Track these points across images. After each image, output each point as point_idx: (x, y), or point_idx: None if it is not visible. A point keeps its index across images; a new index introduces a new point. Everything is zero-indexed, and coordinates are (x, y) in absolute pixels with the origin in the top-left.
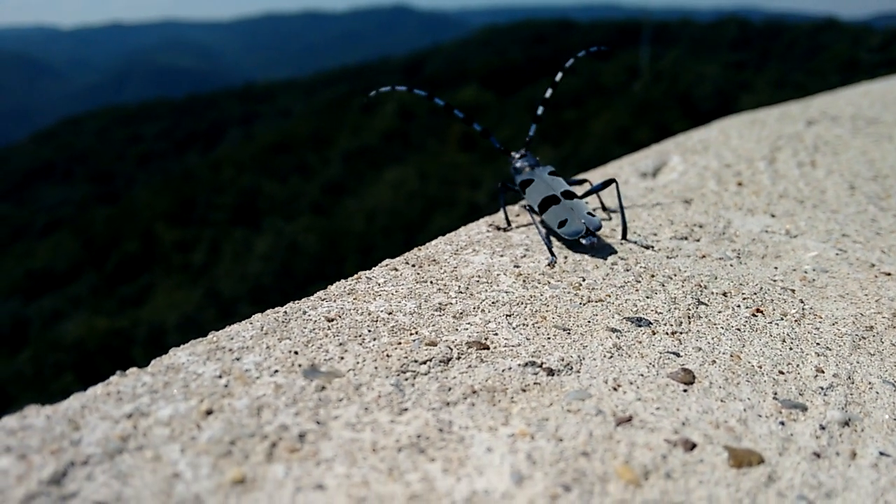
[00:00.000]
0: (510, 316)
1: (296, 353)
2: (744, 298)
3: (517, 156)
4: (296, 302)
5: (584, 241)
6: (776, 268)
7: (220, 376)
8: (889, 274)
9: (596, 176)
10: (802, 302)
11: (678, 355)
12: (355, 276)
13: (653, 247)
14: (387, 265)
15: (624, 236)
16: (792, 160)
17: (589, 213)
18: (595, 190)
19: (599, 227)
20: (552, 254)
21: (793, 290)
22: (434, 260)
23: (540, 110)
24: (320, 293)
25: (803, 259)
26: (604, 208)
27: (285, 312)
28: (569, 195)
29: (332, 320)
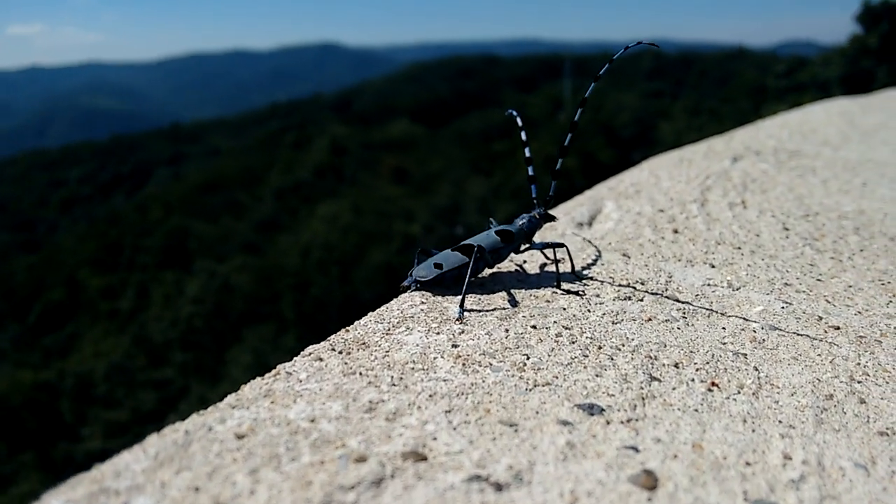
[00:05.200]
0: (450, 412)
1: (197, 489)
2: (697, 370)
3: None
4: (201, 414)
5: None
6: (724, 328)
7: None
8: (838, 328)
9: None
10: (757, 370)
11: (637, 450)
12: (274, 371)
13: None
14: (310, 354)
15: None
16: (723, 201)
17: (437, 266)
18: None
19: (417, 282)
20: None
21: (745, 355)
22: (364, 343)
23: (559, 164)
24: (231, 398)
25: (750, 315)
26: (552, 260)
27: (187, 432)
28: (457, 247)
29: (244, 437)
